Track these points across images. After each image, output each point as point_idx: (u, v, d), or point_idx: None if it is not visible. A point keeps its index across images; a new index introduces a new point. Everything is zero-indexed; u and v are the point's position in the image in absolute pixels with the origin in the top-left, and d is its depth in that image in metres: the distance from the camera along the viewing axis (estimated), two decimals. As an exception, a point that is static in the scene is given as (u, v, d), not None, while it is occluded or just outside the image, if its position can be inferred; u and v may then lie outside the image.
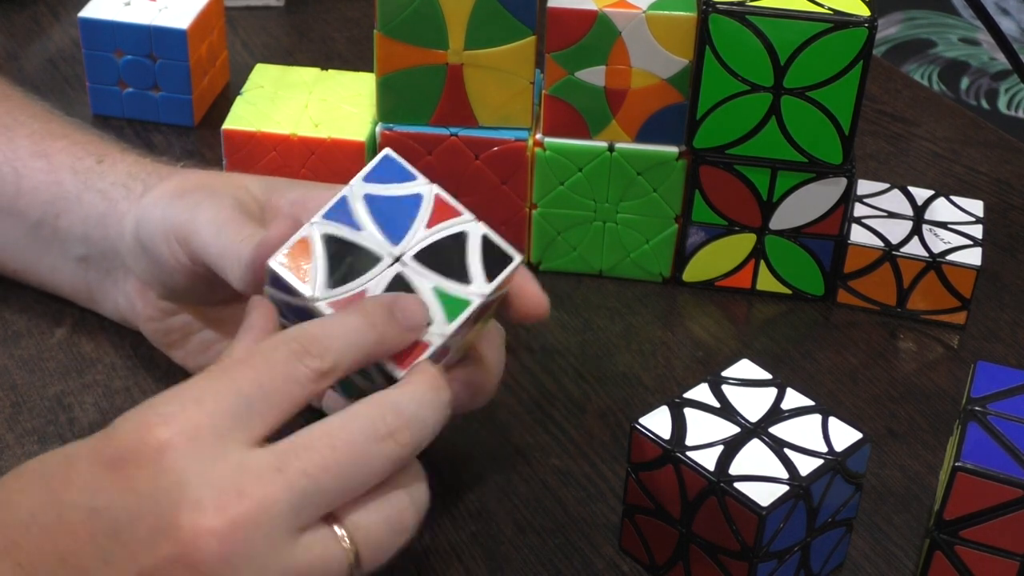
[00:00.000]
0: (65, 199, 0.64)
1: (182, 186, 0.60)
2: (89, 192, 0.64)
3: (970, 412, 0.55)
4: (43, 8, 0.95)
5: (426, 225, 0.53)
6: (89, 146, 0.66)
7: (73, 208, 0.64)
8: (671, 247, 0.73)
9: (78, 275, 0.66)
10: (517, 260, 0.54)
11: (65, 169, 0.65)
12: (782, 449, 0.54)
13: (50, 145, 0.66)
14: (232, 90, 0.87)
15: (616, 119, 0.70)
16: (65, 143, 0.66)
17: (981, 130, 0.88)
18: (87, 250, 0.64)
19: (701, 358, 0.69)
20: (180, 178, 0.62)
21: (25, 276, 0.68)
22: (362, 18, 0.96)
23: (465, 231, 0.54)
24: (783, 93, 0.67)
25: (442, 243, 0.53)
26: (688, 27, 0.67)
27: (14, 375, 0.65)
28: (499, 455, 0.63)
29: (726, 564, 0.54)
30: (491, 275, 0.53)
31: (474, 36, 0.67)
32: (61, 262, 0.66)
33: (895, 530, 0.60)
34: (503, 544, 0.59)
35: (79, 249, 0.65)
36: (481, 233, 0.54)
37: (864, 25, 0.65)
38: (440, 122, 0.70)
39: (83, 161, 0.65)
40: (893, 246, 0.71)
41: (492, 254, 0.54)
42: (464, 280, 0.53)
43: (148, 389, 0.65)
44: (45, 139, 0.66)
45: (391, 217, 0.53)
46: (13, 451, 0.61)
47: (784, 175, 0.69)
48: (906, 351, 0.70)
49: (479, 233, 0.54)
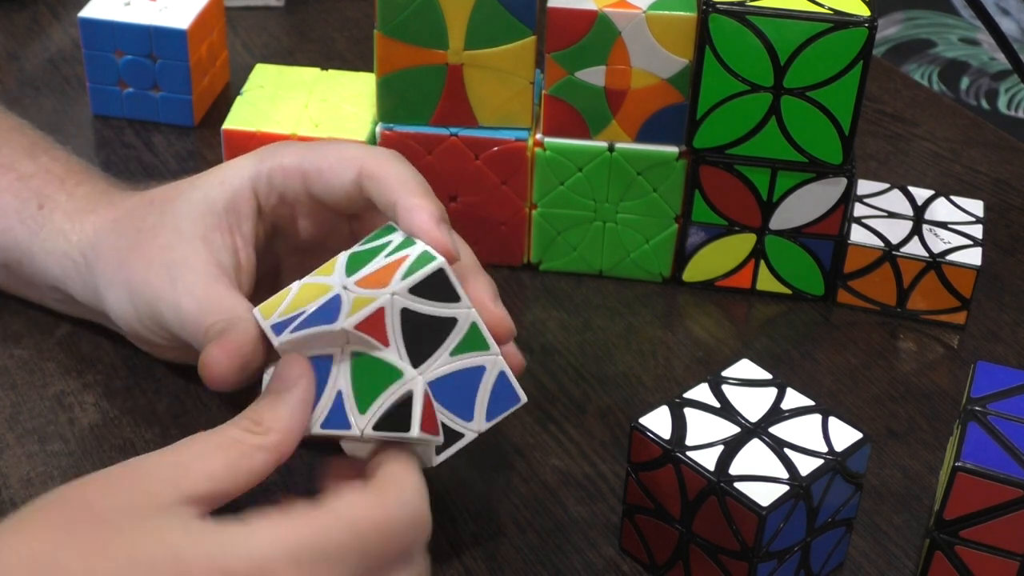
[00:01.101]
0: (19, 250, 0.63)
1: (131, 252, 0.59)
2: (39, 251, 0.62)
3: (970, 412, 0.55)
4: (43, 8, 0.95)
5: (450, 352, 0.52)
6: (33, 183, 0.63)
7: (30, 261, 0.63)
8: (671, 247, 0.73)
9: (64, 307, 0.66)
10: (522, 402, 0.54)
11: (13, 215, 0.63)
12: (782, 449, 0.54)
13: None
14: (232, 90, 0.87)
15: (616, 119, 0.70)
16: (11, 179, 0.64)
17: (981, 130, 0.88)
18: (62, 296, 0.64)
19: (701, 358, 0.69)
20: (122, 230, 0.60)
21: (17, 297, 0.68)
22: (362, 18, 0.96)
23: (484, 366, 0.53)
24: (783, 93, 0.67)
25: (460, 375, 0.53)
26: (688, 27, 0.67)
27: (14, 375, 0.65)
28: (499, 455, 0.63)
29: (726, 564, 0.54)
30: (491, 414, 0.53)
31: (474, 36, 0.67)
32: (43, 296, 0.66)
33: (895, 530, 0.60)
34: (503, 544, 0.59)
35: (54, 295, 0.64)
36: (499, 371, 0.53)
37: (864, 25, 0.65)
38: (440, 122, 0.70)
39: (27, 206, 0.63)
40: (893, 246, 0.71)
41: (502, 392, 0.54)
42: (467, 417, 0.53)
43: (148, 389, 0.65)
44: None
45: (421, 337, 0.52)
46: (13, 451, 0.61)
47: (784, 175, 0.69)
48: (906, 351, 0.70)
49: (497, 370, 0.53)
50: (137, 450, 0.61)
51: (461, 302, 0.52)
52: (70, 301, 0.64)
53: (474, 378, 0.53)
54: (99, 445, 0.62)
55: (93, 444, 0.62)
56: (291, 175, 0.58)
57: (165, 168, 0.80)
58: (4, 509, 0.58)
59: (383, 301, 0.51)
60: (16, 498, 0.59)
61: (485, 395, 0.53)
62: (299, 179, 0.58)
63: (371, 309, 0.50)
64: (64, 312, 0.66)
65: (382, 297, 0.51)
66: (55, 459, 0.61)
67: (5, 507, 0.58)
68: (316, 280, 0.54)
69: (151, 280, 0.57)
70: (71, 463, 0.61)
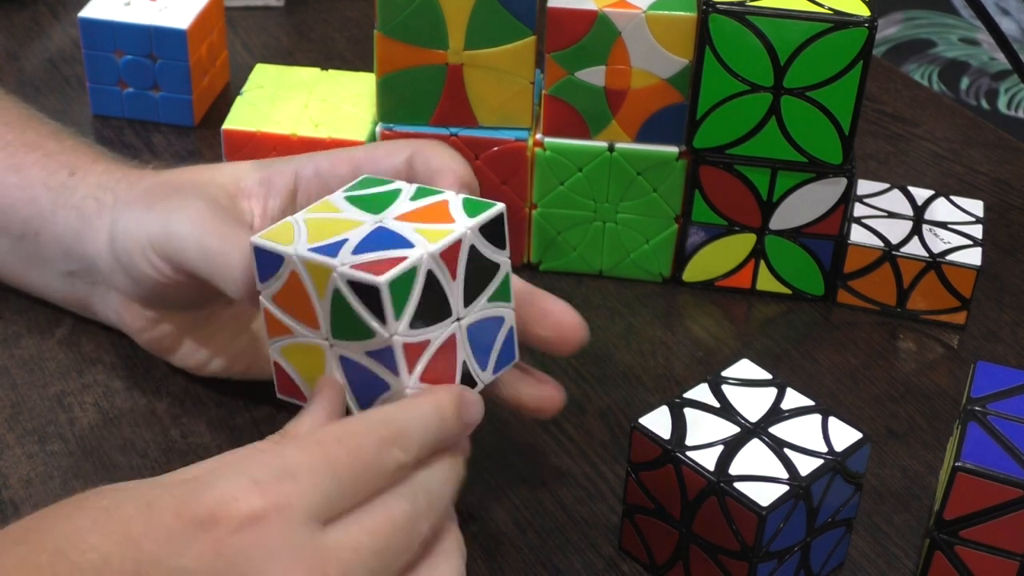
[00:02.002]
0: (41, 217, 0.64)
1: (151, 194, 0.60)
2: (63, 209, 0.63)
3: (970, 412, 0.55)
4: (43, 8, 0.95)
5: (487, 299, 0.53)
6: (62, 157, 0.65)
7: (50, 226, 0.63)
8: (671, 247, 0.73)
9: (67, 288, 0.66)
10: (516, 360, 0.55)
11: (39, 185, 0.64)
12: (782, 449, 0.54)
13: (23, 158, 0.65)
14: (232, 90, 0.87)
15: (616, 119, 0.70)
16: (38, 155, 0.65)
17: (981, 130, 0.88)
18: (70, 266, 0.64)
19: (701, 358, 0.69)
20: (148, 184, 0.61)
21: (18, 288, 0.68)
22: (362, 18, 0.96)
23: (504, 317, 0.54)
24: (783, 93, 0.67)
25: (487, 323, 0.53)
26: (688, 27, 0.67)
27: (14, 375, 0.65)
28: (499, 455, 0.63)
29: (726, 564, 0.54)
30: (497, 368, 0.54)
31: (474, 36, 0.67)
32: (49, 276, 0.66)
33: (895, 530, 0.60)
34: (503, 544, 0.59)
35: (62, 265, 0.64)
36: (511, 325, 0.54)
37: (864, 25, 0.65)
38: (440, 122, 0.70)
39: (56, 175, 0.64)
40: (893, 246, 0.71)
41: (508, 347, 0.55)
42: (483, 366, 0.54)
43: (148, 389, 0.65)
44: (19, 152, 0.65)
45: (476, 280, 0.52)
46: (13, 451, 0.61)
47: (784, 175, 0.69)
48: (906, 351, 0.70)
49: (510, 324, 0.54)
50: (137, 450, 0.61)
51: (505, 250, 0.53)
52: (74, 274, 0.64)
53: (495, 328, 0.54)
54: (99, 445, 0.62)
55: (93, 444, 0.62)
56: (339, 163, 0.60)
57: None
58: (4, 509, 0.58)
59: (461, 234, 0.51)
60: (16, 498, 0.59)
61: (498, 347, 0.54)
62: (349, 166, 0.59)
63: (451, 239, 0.51)
64: (62, 297, 0.66)
65: (460, 230, 0.51)
66: (55, 459, 0.61)
67: (5, 507, 0.58)
68: (325, 216, 0.53)
69: (174, 200, 0.58)
70: (71, 463, 0.61)
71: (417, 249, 0.50)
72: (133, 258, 0.59)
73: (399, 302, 0.49)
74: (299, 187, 0.60)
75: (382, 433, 0.48)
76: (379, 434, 0.48)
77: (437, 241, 0.50)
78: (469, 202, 0.53)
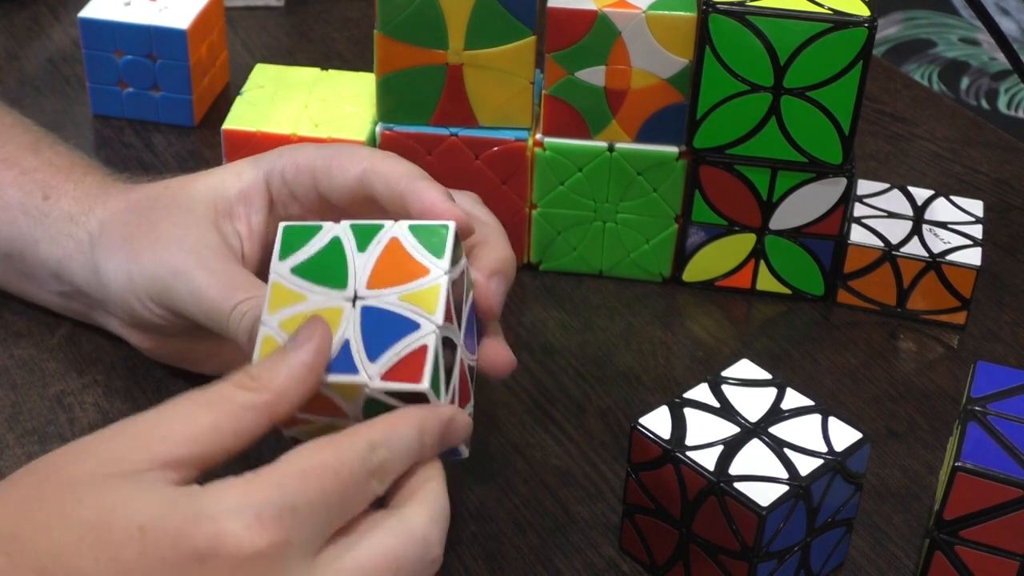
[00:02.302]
0: (23, 240, 0.63)
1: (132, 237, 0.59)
2: (44, 239, 0.63)
3: (970, 412, 0.55)
4: (43, 8, 0.95)
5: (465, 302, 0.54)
6: (37, 175, 0.64)
7: (32, 250, 0.63)
8: (671, 247, 0.73)
9: (65, 303, 0.66)
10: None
11: (16, 208, 0.63)
12: (782, 449, 0.54)
13: (1, 177, 0.64)
14: (232, 90, 0.87)
15: (616, 119, 0.70)
16: (15, 173, 0.64)
17: (981, 130, 0.88)
18: (62, 288, 0.64)
19: (701, 358, 0.69)
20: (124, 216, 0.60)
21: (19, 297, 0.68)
22: (362, 18, 0.96)
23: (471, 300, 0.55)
24: (783, 93, 0.67)
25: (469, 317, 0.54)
26: (688, 27, 0.67)
27: (14, 375, 0.65)
28: (499, 455, 0.63)
29: (726, 564, 0.54)
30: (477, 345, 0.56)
31: (474, 36, 0.67)
32: (44, 293, 0.66)
33: (895, 530, 0.60)
34: (503, 544, 0.59)
35: (54, 286, 0.64)
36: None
37: (864, 25, 0.65)
38: (440, 122, 0.70)
39: (31, 197, 0.63)
40: (893, 246, 0.71)
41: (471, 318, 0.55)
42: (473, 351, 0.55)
43: (148, 389, 0.65)
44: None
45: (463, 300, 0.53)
46: (13, 451, 0.61)
47: (784, 175, 0.69)
48: (906, 351, 0.70)
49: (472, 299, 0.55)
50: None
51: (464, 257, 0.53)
52: (69, 294, 0.64)
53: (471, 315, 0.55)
54: (99, 445, 0.62)
55: (93, 444, 0.62)
56: (303, 171, 0.59)
57: (165, 168, 0.80)
58: (4, 509, 0.58)
59: (447, 286, 0.50)
60: (16, 498, 0.59)
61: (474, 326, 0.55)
62: (309, 175, 0.59)
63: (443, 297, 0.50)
64: (61, 309, 0.66)
65: (441, 280, 0.50)
66: (55, 459, 0.61)
67: (5, 507, 0.58)
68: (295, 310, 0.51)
69: (160, 254, 0.58)
70: (71, 463, 0.61)
71: (423, 328, 0.49)
72: (130, 303, 0.59)
73: (437, 386, 0.49)
74: (272, 196, 0.60)
75: (372, 460, 0.47)
76: (368, 462, 0.47)
77: (434, 308, 0.50)
78: (419, 231, 0.52)
